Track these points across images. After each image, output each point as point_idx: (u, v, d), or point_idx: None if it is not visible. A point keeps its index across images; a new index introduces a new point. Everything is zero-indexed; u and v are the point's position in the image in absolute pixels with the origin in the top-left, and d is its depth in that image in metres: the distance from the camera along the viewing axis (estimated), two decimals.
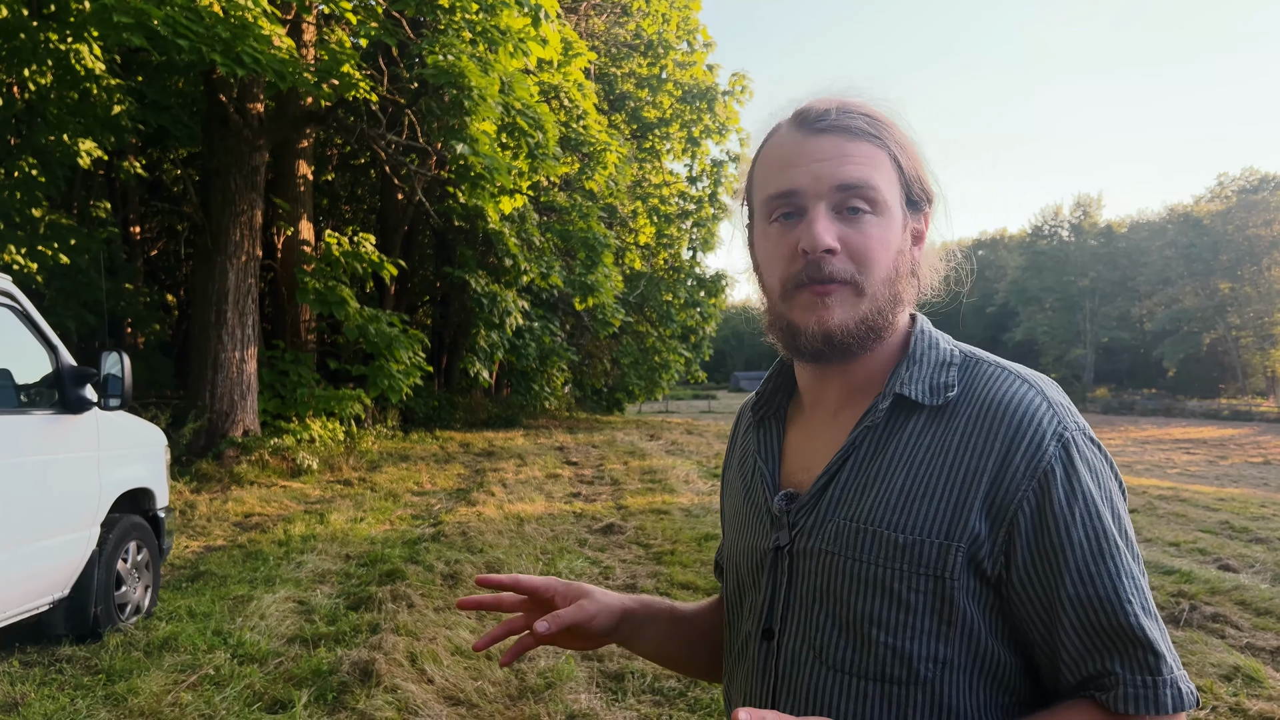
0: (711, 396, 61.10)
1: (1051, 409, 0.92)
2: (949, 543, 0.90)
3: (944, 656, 0.91)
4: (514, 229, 15.97)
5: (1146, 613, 0.88)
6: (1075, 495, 0.89)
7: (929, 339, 1.01)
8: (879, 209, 0.95)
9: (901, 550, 0.91)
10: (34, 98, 11.92)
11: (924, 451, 0.94)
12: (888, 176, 0.96)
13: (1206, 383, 56.06)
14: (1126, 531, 0.91)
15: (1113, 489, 0.93)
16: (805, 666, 0.97)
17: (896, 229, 0.97)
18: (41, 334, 4.61)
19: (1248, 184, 55.17)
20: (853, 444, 0.98)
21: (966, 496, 0.90)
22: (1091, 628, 0.88)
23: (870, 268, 0.95)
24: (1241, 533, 9.06)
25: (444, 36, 10.89)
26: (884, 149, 0.96)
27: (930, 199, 1.02)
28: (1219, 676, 4.60)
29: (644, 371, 25.12)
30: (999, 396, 0.93)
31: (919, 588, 0.90)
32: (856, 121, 0.96)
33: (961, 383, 0.96)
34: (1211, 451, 23.10)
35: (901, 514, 0.92)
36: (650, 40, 22.96)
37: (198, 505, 9.02)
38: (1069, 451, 0.90)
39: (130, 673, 4.37)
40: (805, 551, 0.98)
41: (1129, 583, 0.88)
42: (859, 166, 0.94)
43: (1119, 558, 0.88)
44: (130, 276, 17.83)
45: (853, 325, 0.95)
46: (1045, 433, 0.90)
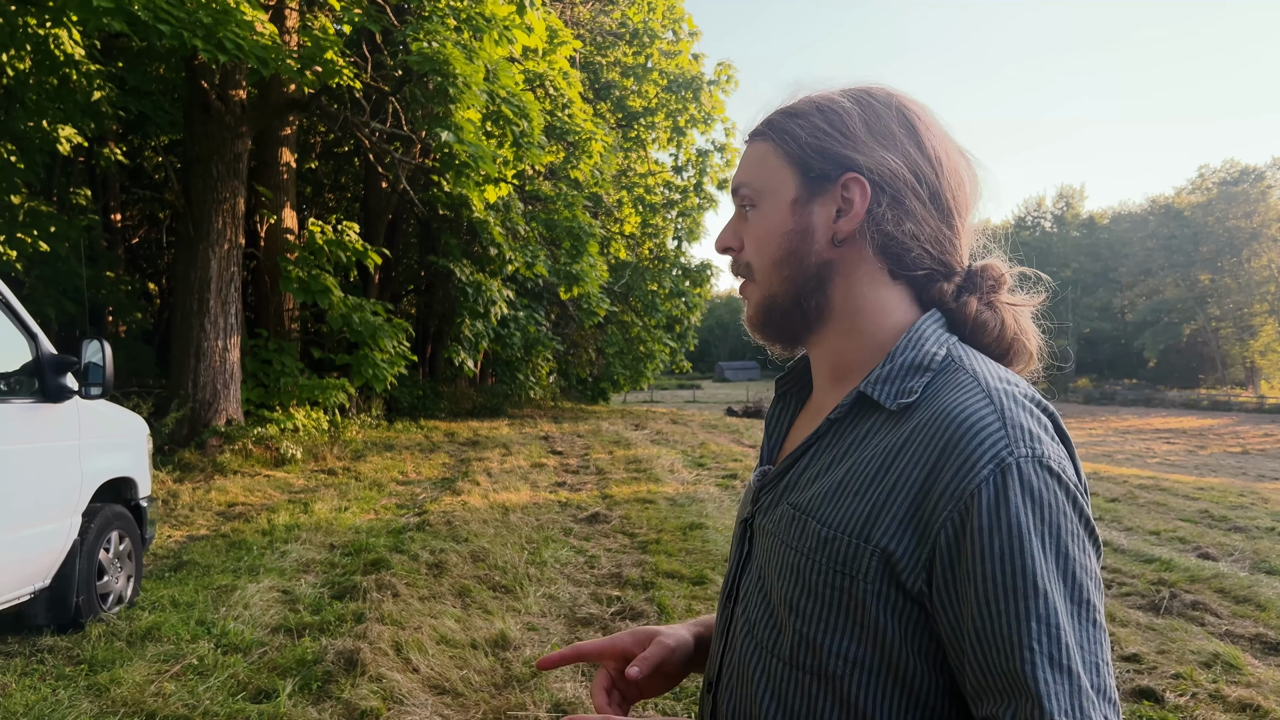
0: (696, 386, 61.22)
1: (1004, 430, 0.84)
2: (862, 544, 0.87)
3: (853, 655, 0.89)
4: (499, 218, 15.91)
5: (1055, 665, 0.79)
6: (998, 526, 0.81)
7: (915, 338, 0.96)
8: (756, 200, 1.02)
9: (820, 543, 0.91)
10: (12, 83, 11.77)
11: (868, 452, 0.92)
12: (764, 165, 1.02)
13: (1186, 373, 56.58)
14: (1074, 576, 0.82)
15: (1063, 529, 0.83)
16: (741, 638, 1.00)
17: (779, 209, 1.00)
18: (21, 322, 4.56)
19: (1228, 176, 55.60)
20: (818, 434, 0.99)
21: (889, 503, 0.87)
22: (987, 667, 0.82)
23: (756, 257, 1.03)
24: (1220, 521, 9.16)
25: (428, 23, 10.82)
26: (768, 139, 1.02)
27: (843, 163, 0.97)
28: (1199, 664, 4.65)
29: (629, 361, 25.10)
30: (948, 408, 0.88)
31: (830, 582, 0.89)
32: (758, 125, 1.05)
33: (927, 389, 0.92)
34: (1191, 441, 23.32)
35: (828, 507, 0.92)
36: (636, 29, 22.88)
37: (180, 494, 8.96)
38: (1005, 477, 0.82)
39: (113, 663, 4.35)
40: (761, 529, 1.02)
41: (1038, 628, 0.79)
42: (742, 169, 1.05)
43: (1034, 601, 0.79)
44: (111, 264, 17.66)
45: (753, 312, 1.05)
46: (983, 454, 0.83)
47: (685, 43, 24.11)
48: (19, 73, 11.47)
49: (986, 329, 1.00)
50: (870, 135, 0.98)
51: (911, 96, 1.02)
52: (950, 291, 1.00)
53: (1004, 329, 1.00)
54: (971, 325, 1.00)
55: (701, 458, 13.82)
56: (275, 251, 13.68)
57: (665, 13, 23.44)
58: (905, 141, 0.98)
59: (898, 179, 0.97)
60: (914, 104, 1.01)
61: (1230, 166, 55.99)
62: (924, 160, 0.98)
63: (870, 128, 0.98)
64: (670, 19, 23.69)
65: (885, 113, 0.99)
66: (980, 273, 1.01)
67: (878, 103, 0.99)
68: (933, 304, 1.00)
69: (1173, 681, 4.40)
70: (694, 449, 15.09)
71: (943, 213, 0.99)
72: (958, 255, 1.01)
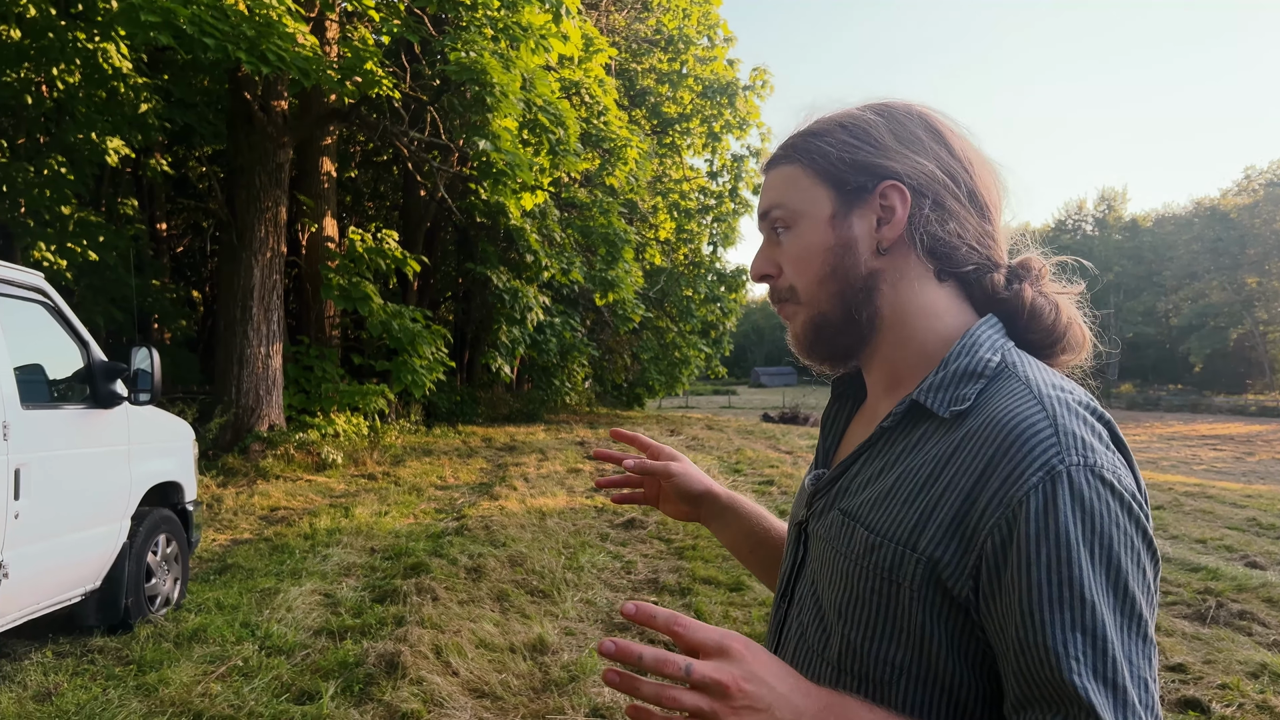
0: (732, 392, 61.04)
1: (1056, 437, 0.83)
2: (907, 551, 0.87)
3: (898, 662, 0.89)
4: (535, 225, 16.01)
5: (1100, 679, 0.78)
6: (1046, 535, 0.80)
7: (970, 344, 0.95)
8: (790, 222, 1.02)
9: (867, 549, 0.91)
10: (62, 96, 12.08)
11: (918, 459, 0.92)
12: (796, 187, 1.02)
13: (1233, 378, 55.41)
14: (1125, 589, 0.80)
15: (1114, 539, 0.81)
16: (794, 639, 1.02)
17: (818, 227, 1.00)
18: (73, 330, 4.68)
19: (1275, 177, 54.43)
20: (871, 440, 0.99)
21: (936, 510, 0.87)
22: (1031, 677, 0.81)
23: (799, 278, 1.02)
24: (1269, 529, 8.97)
25: (466, 33, 10.93)
26: (791, 163, 1.03)
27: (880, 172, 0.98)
28: (1245, 674, 4.57)
29: (664, 367, 25.11)
30: (1000, 414, 0.87)
31: (876, 589, 0.90)
32: (777, 151, 1.06)
33: (980, 396, 0.91)
34: (1238, 448, 22.84)
35: (876, 514, 0.92)
36: (671, 36, 22.93)
37: (225, 499, 9.11)
38: (1055, 486, 0.81)
39: (161, 663, 4.44)
40: (813, 533, 1.03)
41: (1083, 639, 0.78)
42: (768, 194, 1.05)
43: (1081, 612, 0.79)
44: (157, 273, 18.03)
45: (801, 333, 1.05)
46: (1033, 461, 0.82)
47: (720, 49, 24.13)
48: (69, 86, 11.77)
49: (1042, 315, 0.99)
50: (899, 143, 0.99)
51: (929, 105, 1.03)
52: (1001, 282, 0.99)
53: (1059, 315, 1.00)
54: (1028, 312, 0.99)
55: (738, 464, 13.79)
56: (316, 259, 13.88)
57: (700, 19, 23.47)
58: (934, 146, 0.99)
59: (935, 181, 0.97)
60: (934, 111, 1.03)
61: (1277, 167, 54.85)
62: (955, 162, 0.99)
63: (898, 136, 0.99)
64: (705, 25, 23.72)
65: (909, 120, 1.00)
66: (1023, 265, 1.02)
67: (899, 112, 1.01)
68: (985, 298, 1.00)
69: (1219, 692, 4.32)
70: (730, 455, 15.06)
71: (981, 210, 1.00)
72: (999, 250, 1.01)
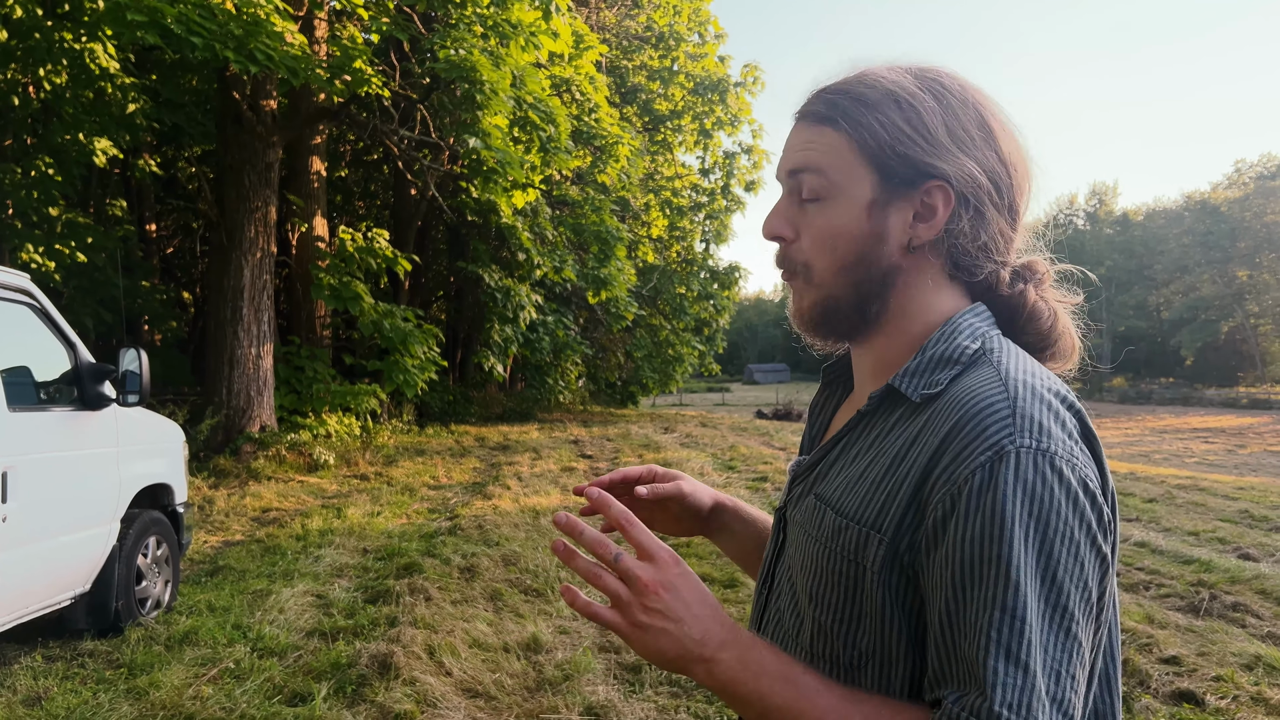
0: (725, 389, 61.07)
1: (1012, 418, 0.82)
2: (871, 532, 0.87)
3: (863, 647, 0.89)
4: (527, 223, 15.98)
5: (1009, 657, 0.76)
6: (981, 511, 0.79)
7: (949, 331, 0.94)
8: (824, 193, 0.95)
9: (835, 532, 0.91)
10: (49, 97, 12.01)
11: (889, 443, 0.91)
12: (835, 156, 0.94)
13: (1224, 371, 55.65)
14: (1053, 578, 0.78)
15: (1053, 526, 0.79)
16: (772, 624, 1.03)
17: (852, 211, 0.94)
18: (60, 331, 4.65)
19: (1265, 170, 54.68)
20: (849, 426, 0.99)
21: (899, 489, 0.87)
22: (948, 651, 0.81)
23: (817, 256, 0.96)
24: (1261, 521, 9.00)
25: (455, 31, 10.90)
26: (834, 127, 0.94)
27: (928, 171, 0.92)
28: (1240, 666, 4.57)
29: (658, 364, 25.10)
30: (963, 395, 0.86)
31: (843, 571, 0.90)
32: (816, 106, 0.96)
33: (952, 382, 0.90)
34: (1230, 440, 22.93)
35: (845, 497, 0.92)
36: (661, 32, 22.91)
37: (216, 500, 9.07)
38: (999, 465, 0.80)
39: (152, 666, 4.41)
40: (791, 519, 1.03)
41: (1001, 617, 0.77)
42: (800, 153, 0.96)
43: (1004, 591, 0.77)
44: (146, 274, 17.96)
45: (807, 312, 0.99)
46: (985, 440, 0.81)
47: (711, 45, 24.10)
48: (56, 86, 11.70)
49: (1040, 319, 0.99)
50: (952, 140, 0.93)
51: (978, 87, 0.98)
52: (1005, 279, 0.98)
53: (1055, 321, 1.00)
54: (1028, 313, 0.98)
55: (732, 460, 13.79)
56: (307, 259, 13.83)
57: (691, 15, 23.44)
58: (984, 147, 0.94)
59: (980, 189, 0.94)
60: (985, 99, 0.97)
61: (1267, 161, 55.05)
62: (1001, 167, 0.95)
63: (951, 131, 0.93)
64: (696, 22, 23.69)
65: (963, 111, 0.94)
66: (1028, 266, 1.01)
67: (954, 98, 0.94)
68: (986, 293, 0.99)
69: (1213, 684, 4.32)
70: (724, 452, 15.05)
71: (1013, 218, 0.98)
72: (1013, 251, 1.00)
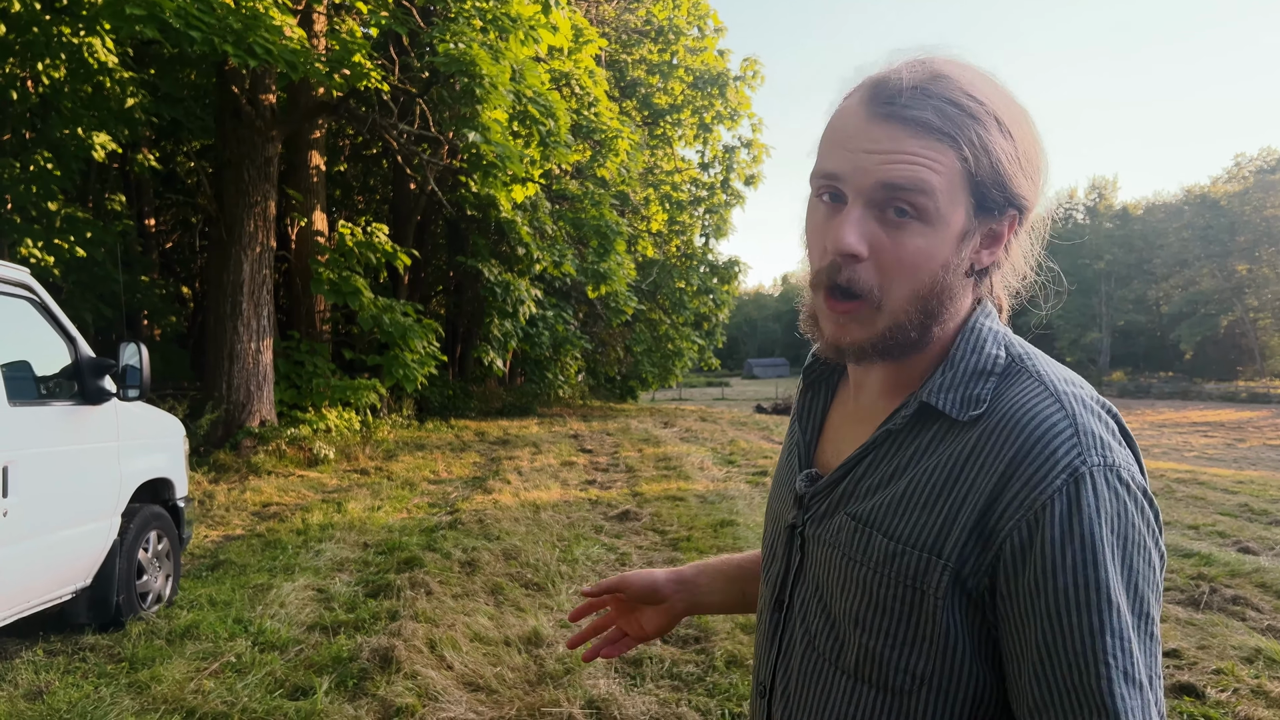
0: (725, 384, 61.11)
1: (1076, 436, 0.82)
2: (932, 557, 0.85)
3: (919, 671, 0.87)
4: (526, 217, 15.97)
5: (1129, 680, 0.77)
6: (1071, 537, 0.79)
7: (975, 340, 0.93)
8: (926, 217, 0.86)
9: (888, 557, 0.89)
10: (48, 92, 11.98)
11: (934, 460, 0.89)
12: (949, 181, 0.85)
13: (1224, 365, 55.67)
14: (1139, 590, 0.80)
15: (1130, 539, 0.81)
16: (800, 645, 0.99)
17: (946, 241, 0.87)
18: (60, 326, 4.64)
19: (1265, 164, 54.63)
20: (874, 442, 0.95)
21: (959, 513, 0.85)
22: (1054, 682, 0.79)
23: (896, 282, 0.88)
24: (1261, 515, 9.01)
25: (454, 24, 10.88)
26: (954, 148, 0.85)
27: (1015, 202, 0.89)
28: (1240, 659, 4.58)
29: (657, 359, 25.10)
30: (1019, 413, 0.85)
31: (899, 596, 0.87)
32: (925, 112, 0.85)
33: (994, 396, 0.89)
34: (1229, 434, 22.94)
35: (894, 520, 0.89)
36: (661, 26, 22.86)
37: (216, 495, 9.08)
38: (1079, 488, 0.80)
39: (153, 661, 4.41)
40: (814, 538, 0.99)
41: (1112, 642, 0.78)
42: (910, 167, 0.84)
43: (1107, 615, 0.78)
44: (146, 269, 17.93)
45: (866, 343, 0.91)
46: (1056, 462, 0.81)
47: (710, 39, 24.05)
48: (54, 81, 11.67)
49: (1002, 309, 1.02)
50: (1034, 168, 0.91)
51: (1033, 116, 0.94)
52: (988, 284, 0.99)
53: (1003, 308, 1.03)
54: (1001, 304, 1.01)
55: (731, 455, 13.80)
56: (306, 254, 13.82)
57: (690, 9, 23.40)
58: (1042, 175, 0.93)
59: (1033, 215, 0.94)
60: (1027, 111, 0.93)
61: (1267, 154, 55.00)
62: (1043, 187, 0.94)
63: (1032, 160, 0.90)
64: (695, 15, 23.65)
65: (1036, 138, 0.91)
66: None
67: (1030, 123, 0.91)
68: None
69: (1214, 677, 4.33)
70: (724, 446, 15.06)
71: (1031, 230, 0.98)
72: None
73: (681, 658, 4.57)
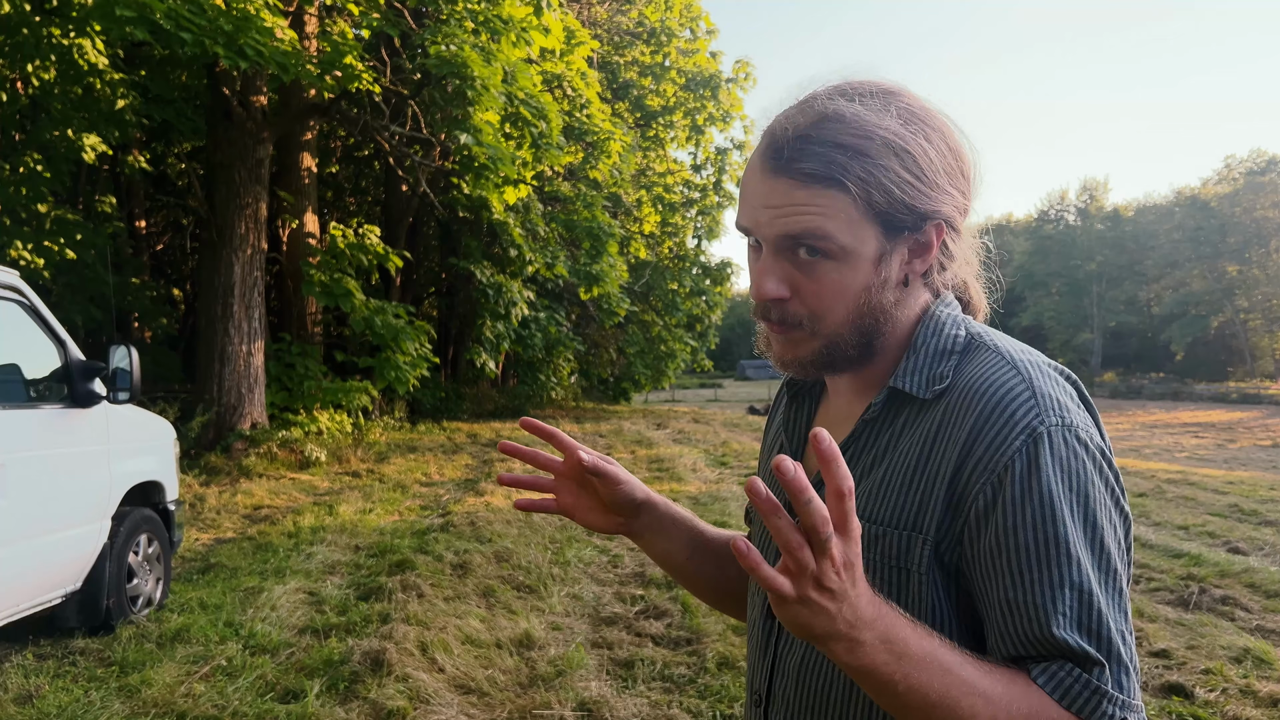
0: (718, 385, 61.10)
1: (1034, 399, 0.86)
2: (913, 534, 0.88)
3: None
4: (518, 219, 15.96)
5: (1083, 630, 0.81)
6: (1030, 494, 0.82)
7: (934, 325, 0.97)
8: (833, 255, 0.90)
9: (871, 541, 0.91)
10: (38, 93, 11.93)
11: (907, 442, 0.92)
12: (845, 219, 0.89)
13: (1214, 366, 55.86)
14: (1103, 544, 0.83)
15: (1090, 497, 0.84)
16: (798, 650, 0.99)
17: (861, 268, 0.91)
18: (49, 329, 4.62)
19: (1255, 166, 54.87)
20: (854, 435, 0.98)
21: (934, 487, 0.88)
22: (1019, 635, 0.83)
23: (823, 314, 0.93)
24: (1251, 515, 9.04)
25: (446, 26, 10.87)
26: (843, 191, 0.88)
27: (930, 216, 0.92)
28: (1229, 659, 4.60)
29: (650, 361, 25.09)
30: (977, 383, 0.89)
31: (886, 579, 0.89)
32: (808, 164, 0.88)
33: (955, 372, 0.92)
34: (1220, 435, 23.03)
35: (874, 505, 0.92)
36: (653, 28, 22.87)
37: (207, 498, 9.05)
38: (1037, 447, 0.83)
39: (143, 664, 4.40)
40: None
41: (1070, 594, 0.81)
42: (802, 218, 0.89)
43: (1066, 568, 0.81)
44: (136, 271, 17.86)
45: (809, 358, 0.96)
46: (1015, 424, 0.84)
47: (703, 41, 24.08)
48: (44, 83, 11.62)
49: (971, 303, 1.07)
50: (946, 179, 0.93)
51: (929, 100, 0.96)
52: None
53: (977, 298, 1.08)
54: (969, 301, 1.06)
55: (724, 456, 13.80)
56: (297, 256, 13.79)
57: (682, 11, 23.42)
58: (957, 170, 0.95)
59: (960, 214, 0.96)
60: (941, 116, 0.96)
61: (1257, 156, 55.22)
62: (969, 185, 0.97)
63: (940, 168, 0.92)
64: (687, 17, 23.67)
65: (939, 142, 0.93)
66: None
67: (931, 129, 0.93)
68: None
69: (1202, 677, 4.35)
70: (716, 447, 15.07)
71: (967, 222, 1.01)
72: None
73: (673, 659, 4.57)
